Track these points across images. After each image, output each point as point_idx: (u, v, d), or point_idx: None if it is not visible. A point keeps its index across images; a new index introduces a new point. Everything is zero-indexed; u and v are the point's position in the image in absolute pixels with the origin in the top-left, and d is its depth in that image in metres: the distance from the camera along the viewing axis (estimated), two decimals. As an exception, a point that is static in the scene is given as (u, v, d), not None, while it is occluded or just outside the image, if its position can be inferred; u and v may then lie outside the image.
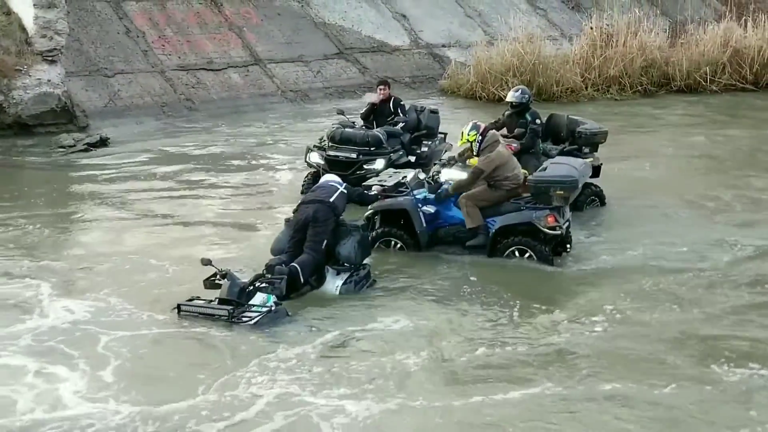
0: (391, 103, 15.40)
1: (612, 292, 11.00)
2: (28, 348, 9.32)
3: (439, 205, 12.19)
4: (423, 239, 12.14)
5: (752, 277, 11.57)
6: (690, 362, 9.17)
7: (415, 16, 26.90)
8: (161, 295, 10.63)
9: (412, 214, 12.12)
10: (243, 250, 12.38)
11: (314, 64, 23.95)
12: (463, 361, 9.18)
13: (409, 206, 12.15)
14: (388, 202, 12.26)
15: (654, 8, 29.10)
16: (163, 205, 14.50)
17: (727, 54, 25.41)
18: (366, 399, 8.38)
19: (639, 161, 17.74)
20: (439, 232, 12.24)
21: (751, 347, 9.52)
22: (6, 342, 9.38)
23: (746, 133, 20.98)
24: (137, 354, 9.23)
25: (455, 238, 12.19)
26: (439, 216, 12.24)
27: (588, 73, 24.43)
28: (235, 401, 8.31)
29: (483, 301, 10.73)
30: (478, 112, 20.91)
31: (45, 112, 18.70)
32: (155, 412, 8.08)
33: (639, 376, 8.81)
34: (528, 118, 14.10)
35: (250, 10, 24.54)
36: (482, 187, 12.07)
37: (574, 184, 11.92)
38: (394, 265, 11.88)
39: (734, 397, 8.51)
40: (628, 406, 8.27)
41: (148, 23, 22.78)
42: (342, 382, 8.69)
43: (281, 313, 10.00)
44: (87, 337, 9.58)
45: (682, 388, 8.60)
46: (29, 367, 8.89)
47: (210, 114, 21.20)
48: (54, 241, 12.78)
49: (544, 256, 11.79)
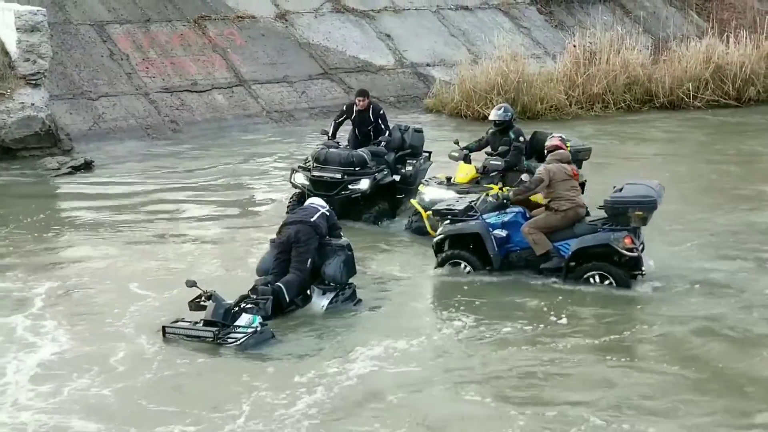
0: (371, 112, 15.37)
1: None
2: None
3: (509, 228, 12.07)
4: (496, 263, 12.05)
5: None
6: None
7: (399, 35, 26.97)
8: (146, 317, 10.60)
9: (484, 237, 12.04)
10: (228, 271, 12.37)
11: (299, 85, 23.97)
12: (454, 382, 9.20)
13: (482, 230, 12.08)
14: (459, 226, 12.20)
15: (636, 26, 29.20)
16: (148, 227, 14.47)
17: (709, 70, 25.51)
18: (352, 417, 8.38)
19: (623, 177, 17.77)
20: (510, 257, 12.18)
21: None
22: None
23: (730, 148, 21.08)
24: (114, 377, 9.19)
25: (527, 263, 12.09)
26: (510, 240, 12.14)
27: (572, 91, 24.49)
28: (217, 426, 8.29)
29: (463, 321, 10.76)
30: (462, 130, 20.95)
31: (29, 136, 18.67)
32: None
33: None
34: (512, 136, 14.13)
35: (234, 32, 24.57)
36: (542, 214, 12.01)
37: (653, 204, 11.70)
38: (379, 284, 11.89)
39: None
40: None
41: (131, 46, 22.78)
42: (327, 402, 8.68)
43: (267, 333, 9.99)
44: (67, 364, 9.54)
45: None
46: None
47: (195, 136, 21.18)
48: (38, 264, 12.72)
49: (624, 281, 11.60)
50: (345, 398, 8.78)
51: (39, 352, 9.77)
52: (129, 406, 8.61)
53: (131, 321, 10.52)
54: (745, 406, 8.78)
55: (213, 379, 9.21)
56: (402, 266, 12.77)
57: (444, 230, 12.24)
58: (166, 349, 9.81)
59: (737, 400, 8.93)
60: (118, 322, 10.49)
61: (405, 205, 14.99)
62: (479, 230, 12.09)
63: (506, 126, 14.28)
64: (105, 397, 8.79)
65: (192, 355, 9.66)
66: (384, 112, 15.54)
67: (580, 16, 30.16)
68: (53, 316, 10.71)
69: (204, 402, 8.67)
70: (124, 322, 10.48)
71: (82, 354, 9.74)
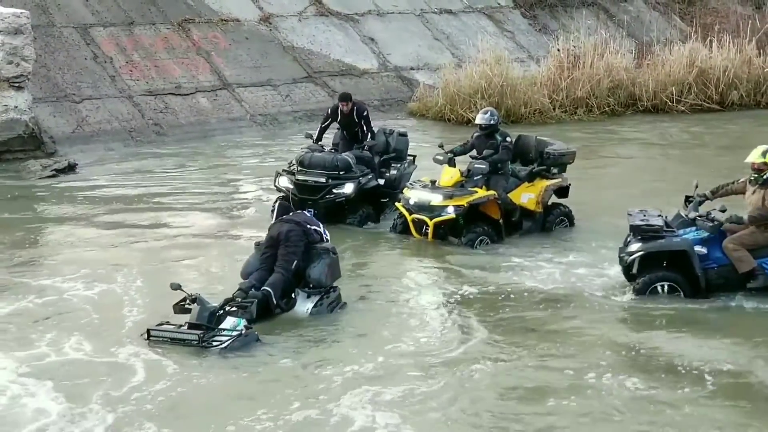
0: (355, 114, 15.36)
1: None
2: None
3: (707, 245, 11.37)
4: (703, 281, 11.32)
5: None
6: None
7: (383, 39, 26.99)
8: (130, 321, 10.55)
9: (691, 255, 11.27)
10: (213, 274, 12.34)
11: (283, 88, 23.95)
12: (434, 382, 9.19)
13: (688, 247, 11.32)
14: (661, 243, 11.40)
15: (620, 30, 29.31)
16: (131, 230, 14.41)
17: (692, 74, 25.65)
18: (336, 416, 8.38)
19: (606, 181, 17.87)
20: (708, 274, 11.38)
21: None
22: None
23: (711, 152, 21.19)
24: (97, 381, 9.16)
25: (726, 281, 11.39)
26: (709, 257, 11.41)
27: (555, 95, 24.57)
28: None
29: (450, 322, 10.76)
30: (446, 134, 20.97)
31: (12, 139, 18.62)
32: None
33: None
34: (498, 138, 14.14)
35: (218, 35, 24.54)
36: (747, 230, 11.35)
37: None
38: (364, 287, 11.89)
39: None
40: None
41: (115, 48, 22.72)
42: (312, 405, 8.67)
43: (252, 337, 9.96)
44: (55, 368, 9.49)
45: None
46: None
47: (179, 139, 21.14)
48: (20, 267, 12.66)
49: None
50: (328, 403, 8.75)
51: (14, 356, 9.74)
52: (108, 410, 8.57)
53: (114, 324, 10.46)
54: None
55: (197, 383, 9.17)
56: (387, 268, 12.77)
57: (643, 247, 11.40)
58: (150, 353, 9.76)
59: None
60: (100, 325, 10.43)
61: (389, 208, 15.00)
62: (686, 247, 11.32)
63: (492, 130, 14.28)
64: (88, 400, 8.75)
65: (176, 359, 9.61)
66: (368, 113, 15.52)
67: (564, 20, 30.25)
68: (31, 319, 10.61)
69: (186, 406, 8.64)
70: (107, 326, 10.42)
71: (63, 360, 9.67)
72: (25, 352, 9.72)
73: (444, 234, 13.70)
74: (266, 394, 8.90)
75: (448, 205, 13.44)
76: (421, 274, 12.51)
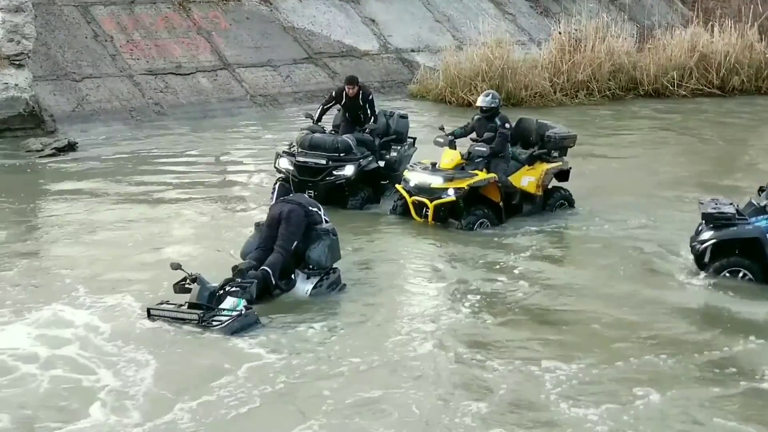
0: (360, 98, 15.35)
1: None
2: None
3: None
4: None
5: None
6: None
7: (384, 20, 26.95)
8: (130, 300, 10.56)
9: (764, 242, 11.17)
10: (213, 254, 12.34)
11: (283, 69, 23.92)
12: (438, 369, 9.21)
13: (761, 234, 11.21)
14: (734, 231, 11.32)
15: (622, 13, 29.30)
16: (131, 209, 14.40)
17: (694, 59, 25.64)
18: (334, 398, 8.40)
19: (607, 165, 17.86)
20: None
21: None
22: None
23: (712, 135, 21.19)
24: (101, 360, 9.18)
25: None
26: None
27: (556, 78, 24.55)
28: (207, 410, 8.29)
29: (450, 303, 10.78)
30: (447, 116, 20.94)
31: (12, 117, 18.61)
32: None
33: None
34: (497, 123, 14.12)
35: (219, 15, 24.49)
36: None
37: None
38: (364, 269, 11.90)
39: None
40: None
41: (116, 27, 22.68)
42: (310, 386, 8.70)
43: (251, 317, 9.97)
44: (53, 342, 9.51)
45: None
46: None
47: (178, 118, 21.13)
48: (21, 246, 12.66)
49: None
50: (326, 383, 8.77)
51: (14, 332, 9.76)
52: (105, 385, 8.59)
53: (115, 302, 10.47)
54: None
55: (196, 362, 9.18)
56: (387, 250, 12.78)
57: (715, 235, 11.34)
58: (150, 330, 9.77)
59: None
60: (101, 304, 10.44)
61: (389, 190, 15.00)
62: (759, 235, 11.22)
63: (493, 113, 14.26)
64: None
65: (176, 338, 9.63)
66: (373, 96, 15.52)
67: (566, 3, 30.21)
68: (34, 297, 10.62)
69: (183, 384, 8.66)
70: (108, 304, 10.42)
71: (68, 334, 9.69)
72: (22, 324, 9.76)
73: (444, 216, 13.71)
74: (262, 372, 8.91)
75: (448, 188, 13.45)
76: (420, 256, 12.52)
